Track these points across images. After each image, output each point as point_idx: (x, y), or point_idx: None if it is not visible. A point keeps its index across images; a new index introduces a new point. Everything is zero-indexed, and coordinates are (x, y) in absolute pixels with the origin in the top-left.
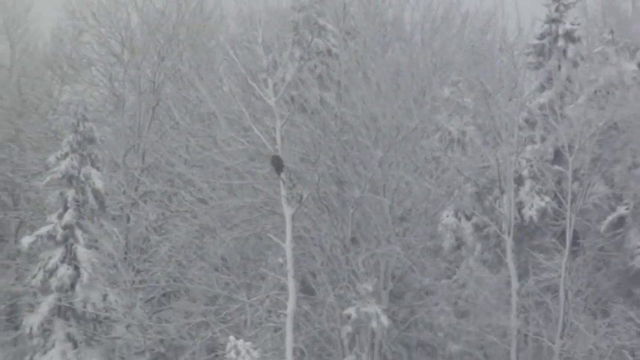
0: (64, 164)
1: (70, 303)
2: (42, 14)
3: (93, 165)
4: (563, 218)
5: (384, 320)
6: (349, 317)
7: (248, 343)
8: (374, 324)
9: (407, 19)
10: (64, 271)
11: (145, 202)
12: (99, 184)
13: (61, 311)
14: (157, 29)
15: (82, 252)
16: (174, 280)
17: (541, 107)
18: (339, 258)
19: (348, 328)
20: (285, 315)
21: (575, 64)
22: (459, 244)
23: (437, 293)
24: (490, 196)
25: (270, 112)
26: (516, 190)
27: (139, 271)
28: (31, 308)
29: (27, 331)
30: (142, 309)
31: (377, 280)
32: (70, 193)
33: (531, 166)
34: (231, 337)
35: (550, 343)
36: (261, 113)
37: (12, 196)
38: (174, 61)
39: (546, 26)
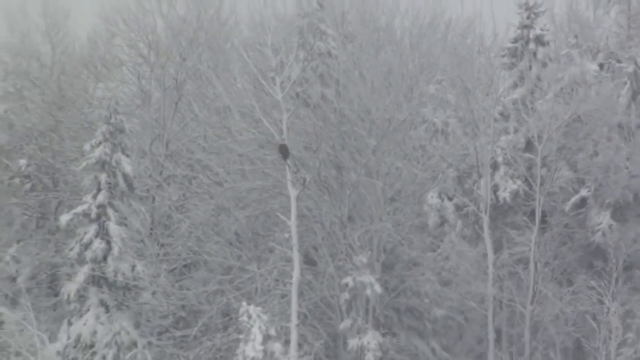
0: (98, 151)
1: (103, 273)
2: (79, 20)
3: (123, 152)
4: (533, 199)
5: (377, 288)
6: (347, 285)
7: (258, 308)
8: (368, 291)
9: (397, 25)
10: (98, 245)
11: (169, 184)
12: (128, 169)
13: (95, 280)
14: (180, 33)
15: (113, 228)
16: (194, 253)
17: (514, 102)
18: (338, 233)
19: (346, 295)
20: (291, 283)
21: (544, 65)
22: (442, 221)
23: (423, 264)
24: (469, 179)
25: (278, 106)
26: (492, 175)
27: (162, 245)
28: (69, 277)
29: (65, 297)
30: (165, 278)
31: (371, 252)
32: (103, 177)
33: (505, 153)
34: (244, 303)
35: (522, 308)
36: (270, 107)
37: (52, 179)
38: (194, 61)
39: (519, 31)
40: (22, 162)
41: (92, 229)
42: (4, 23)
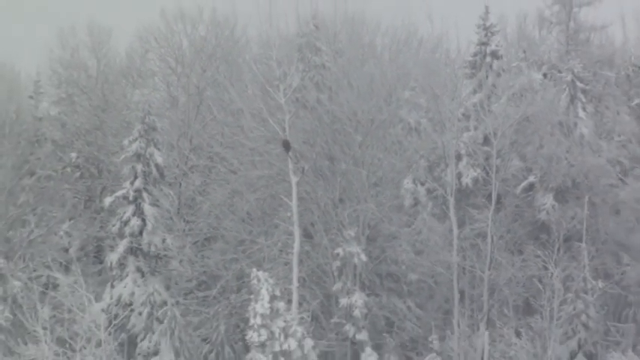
0: (135, 146)
1: (139, 245)
2: (119, 38)
3: (155, 146)
4: (490, 184)
5: (363, 257)
6: (338, 255)
7: (266, 273)
8: (355, 260)
9: (378, 43)
10: (135, 222)
11: (192, 172)
12: (159, 160)
13: (133, 251)
14: (201, 50)
15: (147, 208)
16: (213, 228)
17: (474, 105)
18: (331, 212)
19: (337, 263)
20: (292, 253)
21: (498, 75)
22: (416, 202)
23: (400, 237)
24: (438, 168)
25: (281, 109)
26: (456, 164)
27: (187, 222)
28: (111, 249)
29: (108, 265)
30: (190, 249)
31: (357, 228)
32: (139, 167)
33: (467, 147)
34: (254, 269)
35: (481, 273)
36: (275, 109)
37: (97, 168)
38: (213, 72)
39: (478, 47)
40: (73, 155)
41: (130, 209)
42: (58, 41)
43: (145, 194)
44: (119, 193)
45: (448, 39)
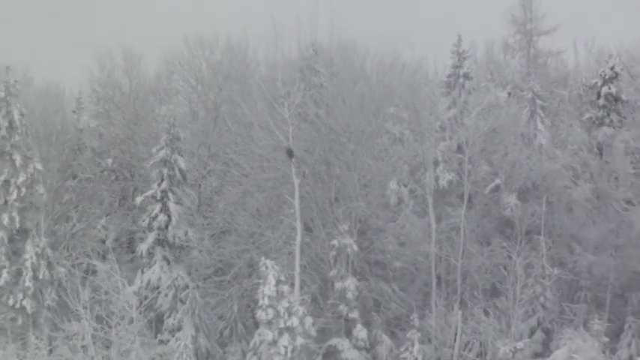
0: (162, 153)
1: (165, 237)
2: (148, 62)
3: (178, 153)
4: (463, 185)
5: (354, 247)
6: (333, 246)
7: (272, 262)
8: (348, 250)
9: (368, 65)
10: (162, 217)
11: (210, 176)
12: (182, 165)
13: (160, 242)
14: (217, 72)
15: (172, 206)
16: (228, 223)
17: (449, 119)
18: (327, 210)
19: (333, 252)
20: (295, 244)
21: (469, 93)
22: (400, 201)
23: (386, 231)
24: (418, 172)
25: (285, 122)
26: (434, 169)
27: (206, 217)
28: (142, 240)
29: (139, 254)
30: (208, 240)
31: (350, 223)
32: (165, 171)
33: (443, 154)
34: (262, 258)
35: (455, 262)
36: (280, 122)
37: (130, 172)
38: (228, 90)
39: (452, 70)
40: (109, 161)
41: (157, 207)
42: (97, 64)
43: (170, 194)
44: (148, 193)
45: (427, 63)
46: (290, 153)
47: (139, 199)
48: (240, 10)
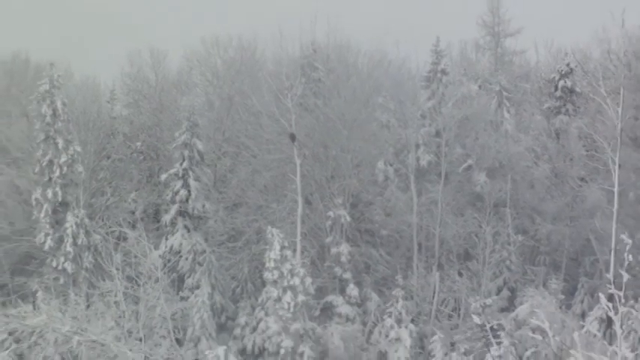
0: (183, 137)
1: (186, 209)
2: (172, 59)
3: (197, 138)
4: (440, 165)
5: (347, 218)
6: (329, 216)
7: (277, 230)
8: (342, 220)
9: (360, 62)
10: (183, 192)
11: (224, 156)
12: (200, 147)
13: (181, 213)
14: (230, 67)
15: (192, 182)
16: (239, 197)
17: (429, 108)
18: (324, 186)
19: (329, 222)
20: (296, 215)
21: (446, 86)
22: (386, 178)
23: (375, 204)
24: (402, 154)
25: (289, 111)
26: (416, 151)
27: (220, 192)
28: (166, 211)
29: (163, 223)
30: (222, 212)
31: (344, 197)
32: (186, 152)
33: (423, 138)
34: (269, 227)
35: (433, 230)
36: (284, 111)
37: (156, 154)
38: (239, 83)
39: (431, 66)
40: (138, 144)
41: (179, 183)
42: (128, 61)
43: (190, 172)
44: (171, 171)
45: (410, 60)
46: (293, 137)
47: (163, 177)
48: (250, 13)
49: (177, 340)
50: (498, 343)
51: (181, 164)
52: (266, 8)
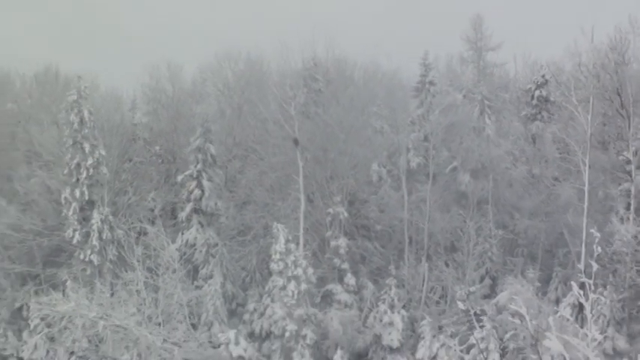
0: (197, 142)
1: (200, 206)
2: (187, 71)
3: (210, 142)
4: (428, 167)
5: (345, 214)
6: (329, 213)
7: (282, 225)
8: (341, 216)
9: (356, 74)
10: (197, 191)
11: (234, 159)
12: (213, 151)
13: (196, 210)
14: (240, 78)
15: (205, 183)
16: (248, 196)
17: (418, 116)
18: (324, 185)
19: (329, 218)
20: (299, 212)
21: (433, 96)
22: (380, 179)
23: (370, 201)
24: (394, 156)
25: (292, 118)
26: (407, 154)
27: (231, 191)
28: (182, 209)
29: (180, 219)
30: (232, 209)
31: (342, 195)
32: (200, 156)
33: (413, 143)
34: (275, 222)
35: (423, 225)
36: (288, 118)
37: (173, 157)
38: (248, 93)
39: (420, 78)
40: (157, 148)
41: (194, 183)
42: (147, 73)
43: (203, 173)
44: (187, 172)
45: (401, 72)
46: (296, 142)
47: (179, 178)
48: (256, 30)
49: (193, 325)
50: (481, 327)
51: (196, 166)
52: (270, 25)
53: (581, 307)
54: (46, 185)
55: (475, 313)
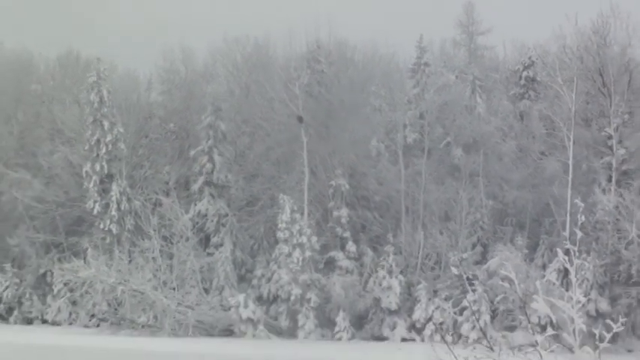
0: (208, 119)
1: (211, 179)
2: (199, 54)
3: (220, 120)
4: (424, 142)
5: (347, 186)
6: (332, 185)
7: (288, 197)
8: (342, 188)
9: (356, 57)
10: (208, 165)
11: (243, 135)
12: (223, 128)
13: (207, 183)
14: (248, 60)
15: (216, 157)
16: (256, 169)
17: (414, 95)
18: (327, 159)
19: (331, 190)
20: (304, 184)
21: (428, 76)
22: (379, 153)
23: (369, 174)
24: (392, 133)
25: (297, 97)
26: (403, 130)
27: (240, 165)
28: (194, 181)
29: (192, 191)
30: (241, 181)
31: (343, 169)
32: (211, 132)
33: (410, 120)
34: (281, 194)
35: (418, 196)
36: (293, 97)
37: (186, 133)
38: (256, 74)
39: (416, 60)
40: (171, 125)
41: (206, 157)
42: (162, 56)
43: (214, 149)
44: (199, 148)
45: (398, 54)
46: (300, 119)
47: (192, 152)
48: (263, 14)
49: (205, 289)
50: (473, 290)
51: (207, 142)
52: (276, 10)
53: (566, 272)
54: (68, 160)
55: (467, 278)
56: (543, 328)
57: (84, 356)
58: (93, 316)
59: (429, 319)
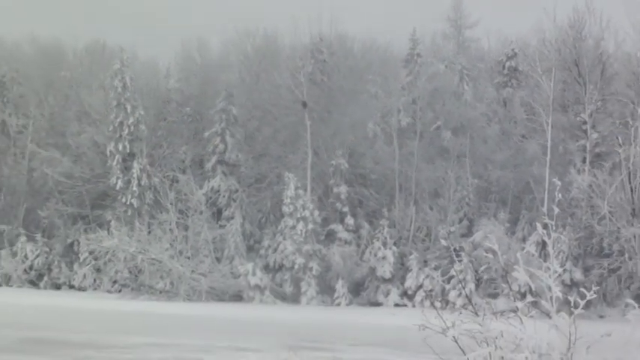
0: (221, 104)
1: (223, 158)
2: (213, 45)
3: (232, 105)
4: (416, 126)
5: (346, 165)
6: (332, 164)
7: (292, 174)
8: (342, 167)
9: (355, 48)
10: (221, 145)
11: (253, 119)
12: (234, 112)
13: (220, 161)
14: (258, 50)
15: (228, 138)
16: (264, 149)
17: (407, 82)
18: (329, 141)
19: (332, 168)
20: (307, 163)
21: (420, 66)
22: (375, 135)
23: (366, 155)
24: (387, 117)
25: (302, 84)
26: (398, 115)
27: (250, 145)
28: (208, 160)
29: (206, 169)
30: (251, 160)
31: (343, 149)
32: (224, 115)
33: (403, 105)
34: (287, 172)
35: (411, 175)
36: (298, 84)
37: (200, 116)
38: (265, 64)
39: (409, 50)
40: (187, 109)
41: (218, 139)
42: (180, 47)
43: (226, 130)
44: (212, 129)
45: (393, 45)
46: (304, 104)
47: (206, 134)
48: (271, 10)
49: (217, 258)
50: (460, 261)
51: (220, 125)
52: (283, 5)
53: (544, 244)
54: (94, 140)
55: (455, 250)
56: (523, 296)
57: (104, 317)
58: (115, 282)
59: (420, 287)
